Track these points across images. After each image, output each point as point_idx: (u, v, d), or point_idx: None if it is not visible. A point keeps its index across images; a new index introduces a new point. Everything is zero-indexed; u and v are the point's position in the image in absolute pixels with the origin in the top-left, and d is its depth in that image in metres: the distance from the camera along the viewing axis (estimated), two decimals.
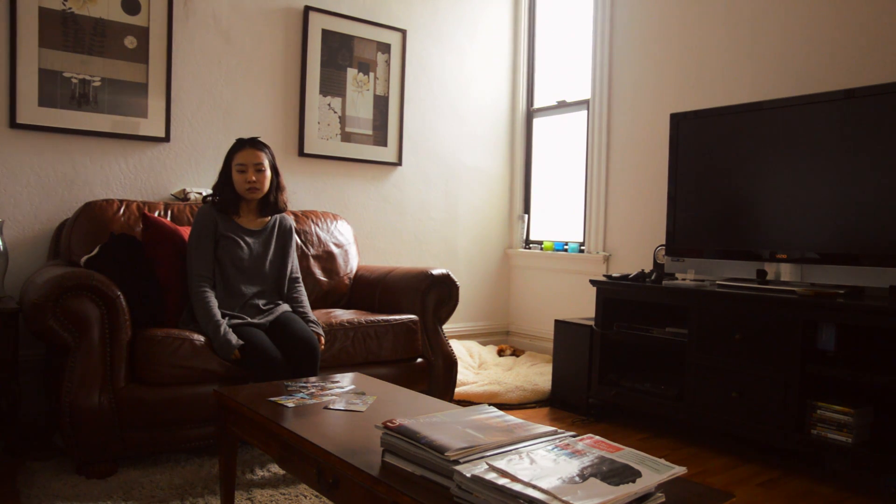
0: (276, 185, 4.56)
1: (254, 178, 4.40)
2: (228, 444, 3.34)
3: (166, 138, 5.48)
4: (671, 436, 5.02)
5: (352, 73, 6.45)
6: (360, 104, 6.52)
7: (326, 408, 3.07)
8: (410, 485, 2.15)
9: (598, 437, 2.33)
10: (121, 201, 4.83)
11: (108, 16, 5.18)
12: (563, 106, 7.44)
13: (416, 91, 7.03)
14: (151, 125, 5.40)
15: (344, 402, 3.17)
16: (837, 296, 4.16)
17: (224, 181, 4.47)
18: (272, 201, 4.55)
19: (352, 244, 5.86)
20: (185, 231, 4.55)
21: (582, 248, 7.04)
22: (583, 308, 6.63)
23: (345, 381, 3.64)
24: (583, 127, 7.14)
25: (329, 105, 6.34)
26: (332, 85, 6.34)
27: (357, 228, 6.52)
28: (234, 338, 4.04)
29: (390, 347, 4.83)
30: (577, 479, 1.97)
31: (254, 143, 4.48)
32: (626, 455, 2.18)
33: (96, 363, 3.78)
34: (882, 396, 4.11)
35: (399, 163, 6.86)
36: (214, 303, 4.21)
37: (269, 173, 4.49)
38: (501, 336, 7.82)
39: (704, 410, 4.67)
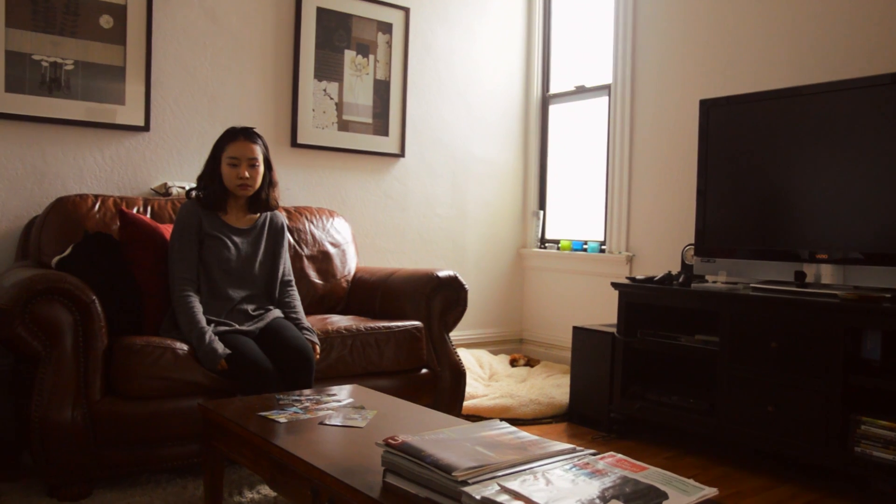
0: (269, 181, 4.55)
1: (247, 175, 4.40)
2: (214, 463, 3.37)
3: (146, 127, 5.49)
4: (701, 454, 5.00)
5: (350, 55, 6.46)
6: (358, 90, 6.53)
7: (322, 423, 3.07)
8: None
9: (620, 456, 2.35)
10: (96, 196, 4.83)
11: None
12: (581, 92, 7.44)
13: (421, 75, 7.04)
14: (129, 113, 5.41)
15: (341, 416, 3.18)
16: (884, 300, 4.14)
17: (211, 174, 4.46)
18: (263, 198, 4.55)
19: (350, 243, 5.87)
20: (167, 229, 4.53)
21: (602, 247, 7.05)
22: (604, 314, 6.62)
23: (342, 393, 3.66)
24: (603, 114, 7.13)
25: (325, 91, 6.35)
26: (328, 69, 6.35)
27: (355, 226, 6.53)
28: (220, 346, 4.02)
29: (392, 357, 4.83)
30: (597, 501, 1.98)
31: (248, 135, 4.47)
32: (651, 475, 2.18)
33: (69, 374, 3.76)
34: None
35: (402, 154, 6.88)
36: (199, 308, 4.20)
37: (262, 168, 4.49)
38: (514, 344, 7.83)
39: (737, 426, 4.65)
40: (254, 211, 4.57)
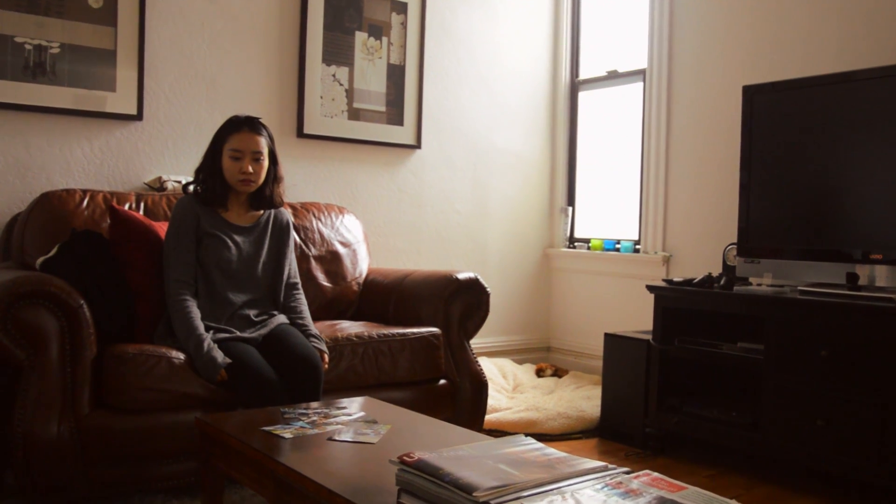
0: (274, 176, 4.56)
1: (250, 169, 4.40)
2: (213, 482, 3.38)
3: (138, 116, 5.50)
4: (744, 472, 4.99)
5: (361, 37, 6.46)
6: (370, 75, 6.53)
7: (331, 439, 3.07)
8: None
9: (656, 474, 2.34)
10: (84, 191, 4.84)
11: None
12: (614, 77, 7.48)
13: (439, 59, 7.05)
14: (120, 100, 5.42)
15: (352, 431, 3.18)
16: None
17: (210, 167, 4.45)
18: (267, 195, 4.56)
19: (361, 243, 5.89)
20: (162, 227, 4.54)
21: (637, 247, 7.08)
22: (638, 319, 6.62)
23: (353, 406, 3.66)
24: (638, 102, 7.16)
25: (334, 76, 6.35)
26: (338, 52, 6.35)
27: (367, 224, 6.54)
28: (219, 355, 4.02)
29: (407, 367, 4.84)
30: None
31: (253, 126, 4.46)
32: (690, 495, 2.17)
33: (55, 386, 3.77)
34: None
35: (418, 145, 6.90)
36: (196, 313, 4.21)
37: (266, 163, 4.49)
38: (541, 353, 7.85)
39: (784, 442, 4.63)
40: (256, 208, 4.58)
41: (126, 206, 4.87)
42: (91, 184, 5.35)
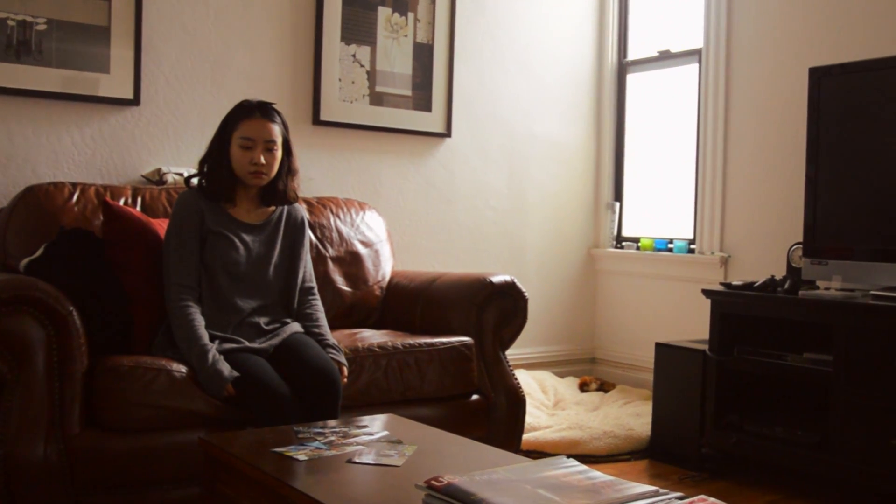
0: (287, 169, 4.56)
1: (262, 160, 4.38)
2: None
3: (135, 101, 5.51)
4: (810, 497, 5.03)
5: (384, 13, 6.49)
6: (395, 55, 6.55)
7: (350, 461, 3.08)
8: None
9: (713, 500, 2.35)
10: (74, 185, 4.86)
11: None
12: (666, 58, 7.54)
13: (471, 38, 7.06)
14: (115, 83, 5.43)
15: (374, 453, 3.19)
16: None
17: (217, 157, 4.44)
18: (280, 189, 4.55)
19: (384, 242, 5.91)
20: (161, 225, 4.54)
21: (692, 246, 7.10)
22: (693, 327, 6.62)
23: (375, 425, 3.66)
24: (692, 85, 7.20)
25: (354, 56, 6.36)
26: (359, 30, 6.37)
27: (391, 221, 6.53)
28: (226, 368, 4.01)
29: (436, 380, 4.83)
30: None
31: (266, 112, 4.46)
32: None
33: (41, 402, 3.76)
34: None
35: (448, 133, 6.92)
36: (200, 321, 4.19)
37: (280, 153, 4.49)
38: (584, 365, 7.88)
39: (855, 463, 4.64)
40: (267, 204, 4.57)
41: (121, 202, 4.85)
42: (82, 176, 5.35)
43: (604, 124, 7.84)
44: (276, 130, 4.43)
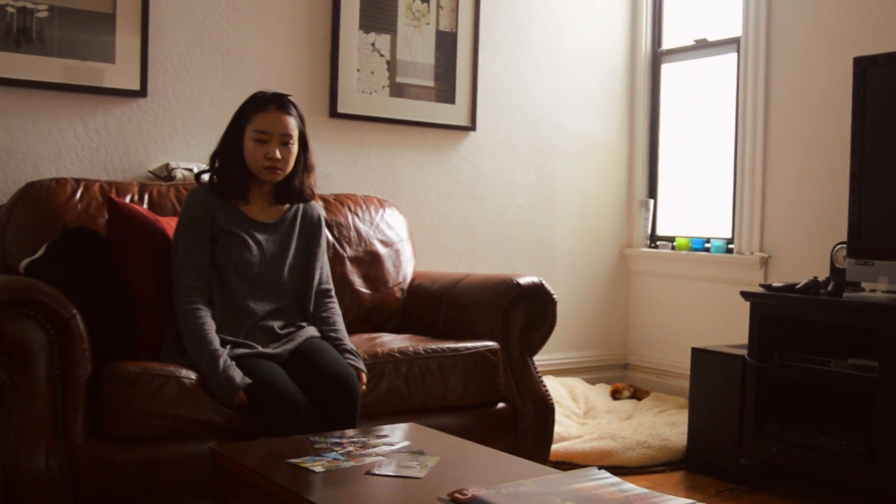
0: (304, 164, 4.56)
1: (278, 155, 4.37)
2: None
3: (142, 92, 5.52)
4: None
5: (405, 0, 6.45)
6: (417, 44, 6.56)
7: (370, 473, 3.07)
8: None
9: None
10: (77, 181, 4.86)
11: None
12: (702, 47, 7.54)
13: (497, 26, 7.06)
14: (121, 73, 5.44)
15: (394, 464, 3.18)
16: None
17: (229, 152, 4.44)
18: (296, 186, 4.55)
19: (405, 241, 5.92)
20: (170, 223, 4.55)
21: (730, 246, 7.10)
22: (731, 331, 6.63)
23: (395, 434, 3.67)
24: (731, 76, 7.20)
25: (373, 45, 6.37)
26: (378, 17, 6.39)
27: (412, 219, 6.55)
28: (238, 374, 4.00)
29: (460, 387, 4.83)
30: None
31: (282, 104, 4.45)
32: None
33: (42, 411, 3.76)
34: None
35: (472, 126, 6.92)
36: (211, 325, 4.19)
37: (296, 148, 4.48)
38: (617, 371, 7.89)
39: None
40: (282, 201, 4.58)
41: (127, 199, 4.88)
42: (85, 172, 5.37)
43: (637, 117, 7.85)
44: (293, 123, 4.42)
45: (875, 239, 5.18)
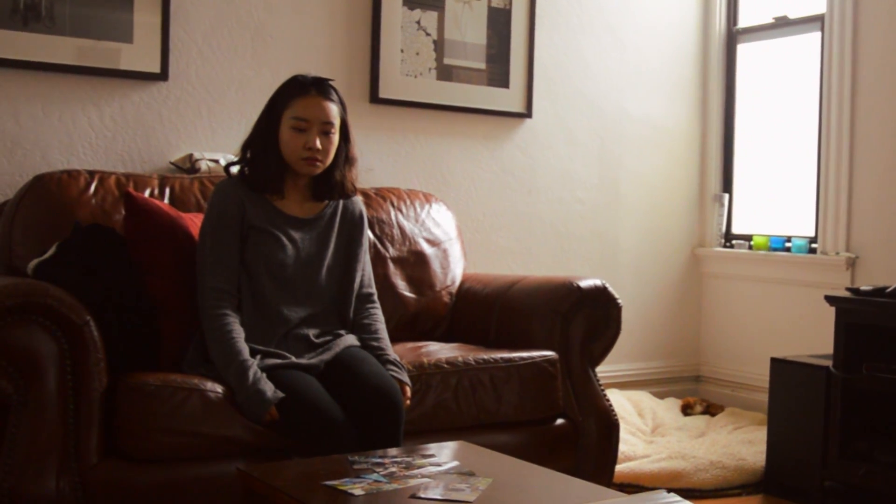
0: (345, 157, 4.53)
1: (318, 145, 4.34)
2: None
3: (163, 75, 5.55)
4: None
5: None
6: (466, 22, 6.55)
7: (414, 496, 3.08)
8: None
9: None
10: (91, 174, 4.88)
11: None
12: (783, 25, 7.53)
13: (555, 2, 7.07)
14: (139, 54, 5.46)
15: (442, 487, 3.18)
16: None
17: (264, 141, 4.42)
18: (337, 180, 4.51)
19: (454, 241, 5.93)
20: (194, 220, 4.58)
21: (813, 245, 7.12)
22: (814, 339, 6.57)
23: (443, 454, 3.67)
24: (814, 57, 7.19)
25: (418, 24, 6.38)
26: None
27: (462, 216, 6.56)
28: (269, 388, 3.98)
29: (514, 402, 4.80)
30: None
31: (322, 89, 4.43)
32: None
33: (53, 427, 3.75)
34: None
35: (528, 113, 6.92)
36: (240, 333, 4.18)
37: (337, 138, 4.45)
38: (688, 384, 7.91)
39: None
40: (320, 197, 4.55)
41: (146, 193, 4.90)
42: (100, 163, 5.38)
43: (710, 103, 7.87)
44: (335, 111, 4.39)
45: None
